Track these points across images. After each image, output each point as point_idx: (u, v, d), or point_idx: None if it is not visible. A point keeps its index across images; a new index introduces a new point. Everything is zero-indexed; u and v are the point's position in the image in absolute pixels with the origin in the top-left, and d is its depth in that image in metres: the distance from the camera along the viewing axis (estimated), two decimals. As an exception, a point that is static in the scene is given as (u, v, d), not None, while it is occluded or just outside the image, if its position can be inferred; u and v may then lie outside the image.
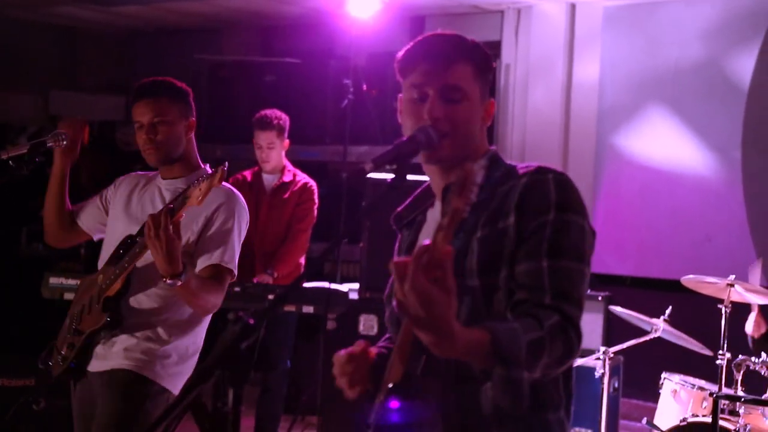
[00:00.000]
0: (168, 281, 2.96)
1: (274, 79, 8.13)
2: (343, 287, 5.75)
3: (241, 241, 3.26)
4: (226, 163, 3.02)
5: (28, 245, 7.90)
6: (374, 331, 5.45)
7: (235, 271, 3.19)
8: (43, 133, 3.02)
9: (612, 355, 5.14)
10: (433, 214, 2.18)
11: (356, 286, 5.73)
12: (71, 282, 5.22)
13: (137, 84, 3.34)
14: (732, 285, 4.50)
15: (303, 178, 5.59)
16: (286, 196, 5.50)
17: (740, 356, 4.43)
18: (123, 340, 3.17)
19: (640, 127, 6.94)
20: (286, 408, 5.72)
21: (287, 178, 5.54)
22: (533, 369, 1.81)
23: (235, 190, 3.31)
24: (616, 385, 5.63)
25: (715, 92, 6.62)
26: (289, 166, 5.60)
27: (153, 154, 3.25)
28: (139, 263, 3.13)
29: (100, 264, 3.32)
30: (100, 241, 3.50)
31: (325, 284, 4.96)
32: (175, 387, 3.19)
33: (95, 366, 3.24)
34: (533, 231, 1.94)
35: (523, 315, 1.85)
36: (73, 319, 3.32)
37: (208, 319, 3.31)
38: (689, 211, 6.69)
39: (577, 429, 5.49)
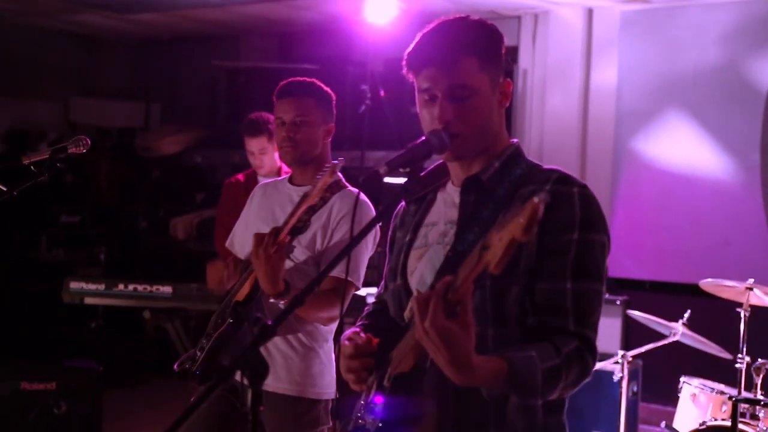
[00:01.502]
0: (271, 300, 2.98)
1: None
2: (361, 291, 5.76)
3: (371, 252, 3.22)
4: (341, 159, 3.00)
5: (47, 251, 7.96)
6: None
7: (359, 283, 3.15)
8: (63, 140, 3.03)
9: (630, 359, 5.13)
10: (444, 196, 2.18)
11: (374, 290, 5.73)
12: (91, 287, 5.28)
13: (284, 81, 3.33)
14: (751, 288, 4.48)
15: None
16: None
17: (760, 360, 4.40)
18: (277, 358, 3.17)
19: (658, 131, 6.92)
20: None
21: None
22: (548, 395, 1.85)
23: (362, 197, 3.19)
24: (635, 389, 5.61)
25: (733, 96, 6.60)
26: (285, 167, 5.57)
27: (290, 152, 3.24)
28: None
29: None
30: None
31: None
32: (334, 392, 3.24)
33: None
34: (557, 250, 1.94)
35: (542, 340, 1.87)
36: (211, 325, 3.32)
37: (334, 325, 3.30)
38: (708, 215, 6.66)
39: (595, 433, 5.48)
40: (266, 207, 3.35)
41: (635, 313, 5.09)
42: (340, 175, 3.16)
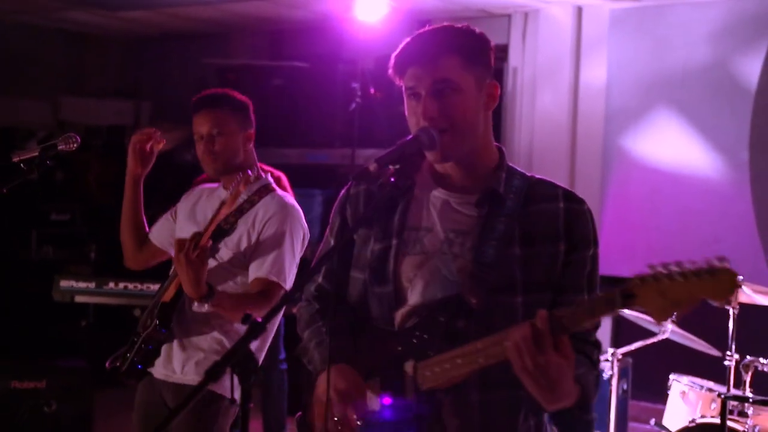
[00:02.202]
0: (195, 303, 3.02)
1: (282, 83, 8.15)
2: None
3: (298, 255, 3.24)
4: (253, 171, 3.11)
5: (38, 249, 7.93)
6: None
7: (286, 285, 3.14)
8: (52, 138, 3.03)
9: (620, 357, 5.15)
10: (431, 199, 2.15)
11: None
12: (81, 285, 5.26)
13: (197, 96, 3.39)
14: (740, 286, 4.49)
15: (274, 171, 5.54)
16: None
17: (748, 357, 4.43)
18: (191, 354, 3.21)
19: (647, 130, 6.94)
20: (291, 408, 5.73)
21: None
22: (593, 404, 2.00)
23: (290, 201, 3.28)
24: (625, 387, 5.62)
25: (722, 94, 6.62)
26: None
27: (210, 164, 3.32)
28: None
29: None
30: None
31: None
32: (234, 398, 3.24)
33: (161, 373, 3.28)
34: (579, 265, 2.07)
35: (577, 353, 1.94)
36: (140, 323, 3.38)
37: (274, 325, 3.36)
38: (697, 213, 6.69)
39: (585, 431, 5.49)
40: (198, 209, 3.40)
41: (625, 311, 5.10)
42: (270, 179, 3.29)
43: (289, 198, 3.31)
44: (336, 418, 2.05)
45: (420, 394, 2.00)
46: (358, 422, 2.04)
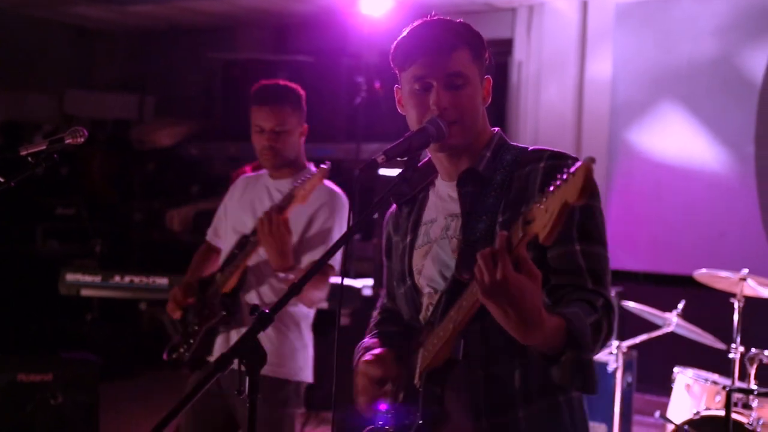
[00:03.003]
0: (281, 275, 3.14)
1: (287, 77, 8.10)
2: (357, 283, 5.77)
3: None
4: (329, 162, 3.18)
5: (43, 243, 7.96)
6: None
7: (336, 267, 3.34)
8: (58, 132, 3.04)
9: (625, 350, 5.15)
10: (437, 192, 2.21)
11: (370, 282, 5.75)
12: (88, 278, 5.28)
13: (259, 86, 3.43)
14: (745, 279, 4.50)
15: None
16: None
17: (753, 350, 4.43)
18: None
19: (652, 123, 6.94)
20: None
21: None
22: (595, 350, 1.88)
23: (337, 190, 3.41)
24: (630, 380, 5.63)
25: (727, 88, 6.62)
26: None
27: (270, 159, 3.36)
28: (253, 261, 3.27)
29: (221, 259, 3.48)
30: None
31: (339, 280, 4.99)
32: (308, 376, 3.39)
33: None
34: None
35: (575, 299, 1.91)
36: (194, 314, 3.43)
37: (313, 310, 3.47)
38: (702, 207, 6.69)
39: (590, 424, 5.50)
40: (246, 199, 3.47)
41: (630, 304, 5.11)
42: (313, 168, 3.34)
43: (335, 187, 3.43)
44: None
45: (423, 378, 2.04)
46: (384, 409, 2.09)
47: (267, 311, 1.81)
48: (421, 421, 2.01)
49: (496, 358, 2.03)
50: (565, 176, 1.57)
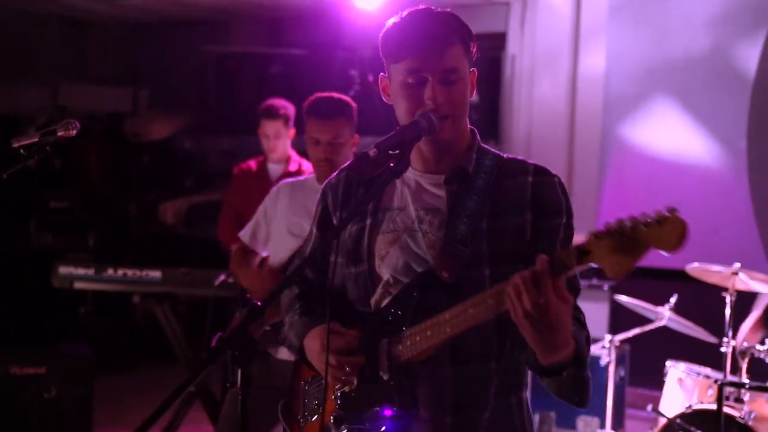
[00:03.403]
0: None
1: (281, 71, 8.16)
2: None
3: None
4: None
5: (36, 236, 7.95)
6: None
7: None
8: (51, 124, 3.04)
9: (618, 344, 5.17)
10: (405, 180, 2.19)
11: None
12: (81, 271, 5.28)
13: (314, 99, 3.50)
14: (737, 273, 4.52)
15: (309, 167, 5.60)
16: None
17: (745, 344, 4.45)
18: None
19: (645, 118, 6.95)
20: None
21: (293, 167, 5.57)
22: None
23: None
24: (622, 373, 5.66)
25: (720, 82, 6.63)
26: (295, 155, 5.63)
27: (325, 169, 3.39)
28: None
29: (272, 262, 3.58)
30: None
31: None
32: None
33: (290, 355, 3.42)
34: (548, 231, 2.08)
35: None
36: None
37: None
38: (695, 201, 6.70)
39: (583, 417, 5.53)
40: (299, 204, 3.51)
41: (622, 298, 5.13)
42: None
43: None
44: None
45: (395, 371, 2.05)
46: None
47: (259, 304, 1.83)
48: (397, 414, 2.02)
49: (467, 359, 2.06)
50: (646, 219, 1.66)
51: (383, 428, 2.03)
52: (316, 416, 2.21)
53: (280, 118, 5.41)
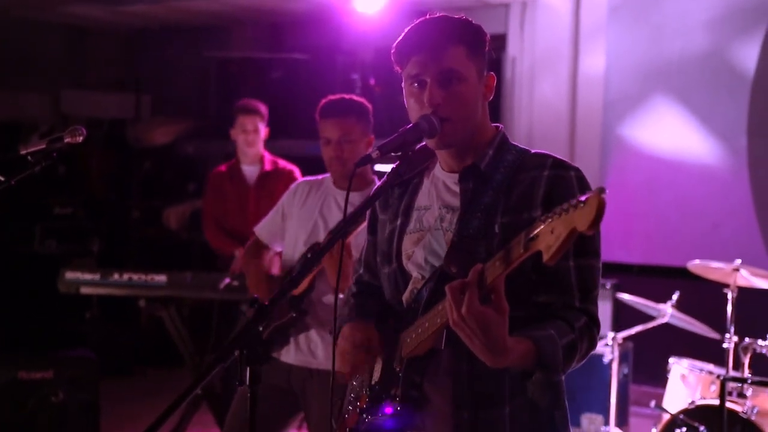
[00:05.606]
0: (341, 296, 3.21)
1: (282, 75, 8.18)
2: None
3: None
4: None
5: (41, 242, 7.97)
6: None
7: (356, 255, 3.50)
8: (54, 132, 3.07)
9: (621, 342, 5.20)
10: (433, 180, 2.24)
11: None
12: (87, 276, 5.30)
13: (325, 102, 3.56)
14: (738, 270, 4.54)
15: (287, 165, 5.61)
16: (275, 184, 5.40)
17: (747, 339, 4.48)
18: (317, 341, 3.44)
19: (645, 117, 6.97)
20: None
21: (268, 167, 5.58)
22: (567, 368, 1.99)
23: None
24: (626, 371, 5.68)
25: (720, 81, 6.65)
26: (268, 155, 5.65)
27: (338, 169, 3.48)
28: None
29: (284, 264, 3.60)
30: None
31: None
32: None
33: (296, 358, 3.48)
34: None
35: (555, 317, 1.98)
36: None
37: None
38: (695, 199, 6.72)
39: (587, 415, 5.55)
40: (312, 205, 3.57)
41: (625, 296, 5.15)
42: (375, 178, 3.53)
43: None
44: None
45: (404, 365, 2.10)
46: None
47: (266, 303, 1.85)
48: (399, 406, 2.06)
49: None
50: (575, 202, 1.63)
51: (385, 422, 2.07)
52: (353, 408, 2.28)
53: (258, 113, 5.50)
